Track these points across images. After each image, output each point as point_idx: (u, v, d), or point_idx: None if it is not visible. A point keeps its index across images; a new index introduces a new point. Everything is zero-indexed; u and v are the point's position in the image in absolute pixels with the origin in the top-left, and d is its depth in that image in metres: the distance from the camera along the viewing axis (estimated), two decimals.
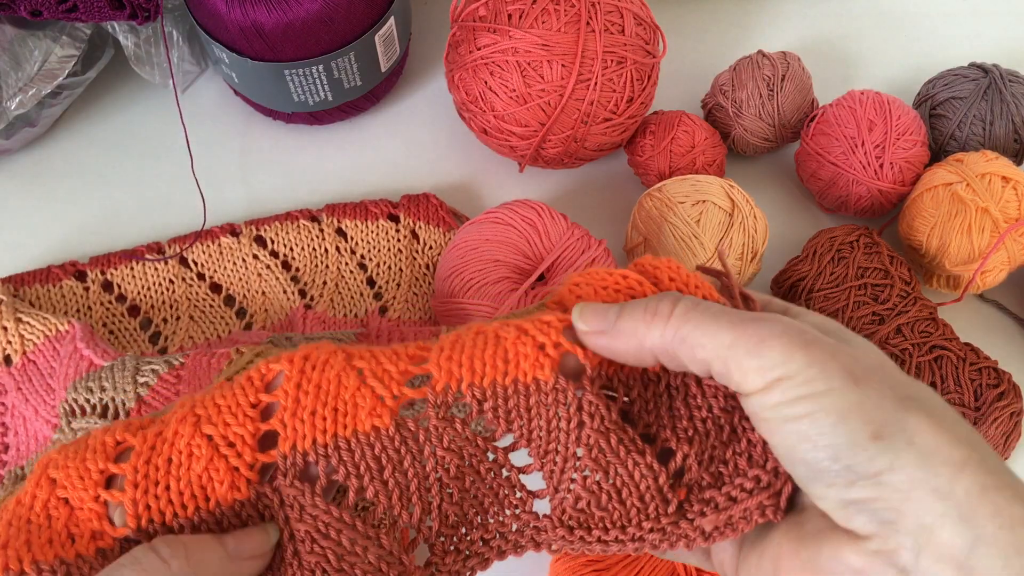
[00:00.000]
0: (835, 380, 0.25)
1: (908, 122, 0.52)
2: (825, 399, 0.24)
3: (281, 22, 0.49)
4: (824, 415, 0.24)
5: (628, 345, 0.28)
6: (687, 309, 0.27)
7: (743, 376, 0.26)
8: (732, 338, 0.26)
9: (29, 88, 0.54)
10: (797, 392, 0.25)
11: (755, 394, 0.26)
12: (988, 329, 0.54)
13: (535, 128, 0.51)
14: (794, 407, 0.25)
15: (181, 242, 0.54)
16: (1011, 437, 0.46)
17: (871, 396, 0.25)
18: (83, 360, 0.46)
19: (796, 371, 0.25)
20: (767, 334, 0.26)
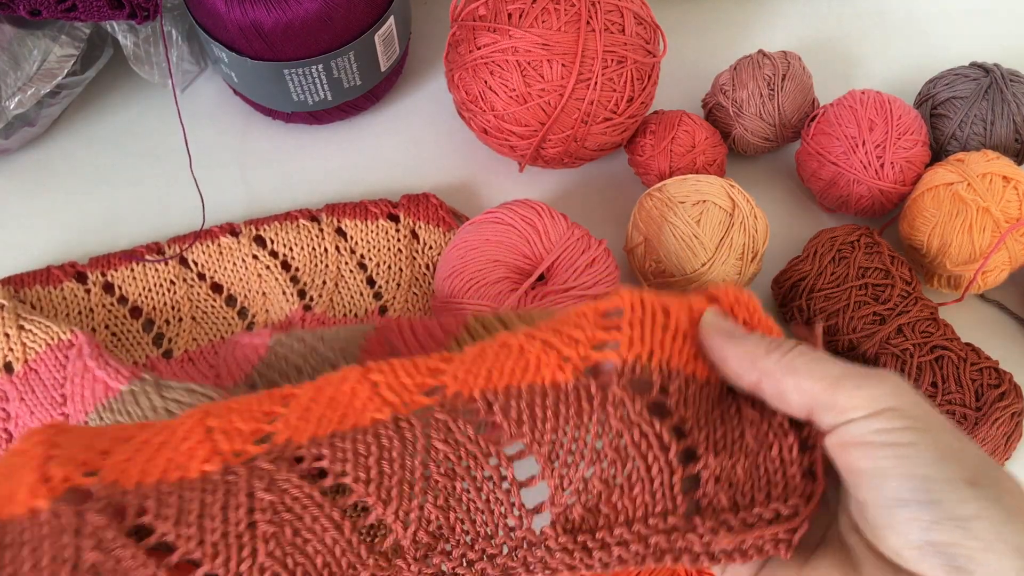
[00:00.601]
0: (941, 425, 0.26)
1: (909, 122, 0.52)
2: (930, 435, 0.25)
3: (281, 22, 0.49)
4: (927, 449, 0.25)
5: (741, 357, 0.29)
6: (804, 349, 0.29)
7: (850, 402, 0.27)
8: (842, 372, 0.27)
9: (28, 88, 0.54)
10: (904, 422, 0.26)
11: (861, 420, 0.26)
12: (989, 329, 0.53)
13: (535, 128, 0.50)
14: (899, 434, 0.26)
15: (180, 242, 0.54)
16: (1012, 437, 0.46)
17: (971, 448, 0.26)
18: (97, 382, 0.45)
19: (905, 405, 0.26)
20: (874, 373, 0.27)
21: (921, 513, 0.25)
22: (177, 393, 0.44)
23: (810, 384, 0.27)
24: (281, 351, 0.47)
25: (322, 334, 0.46)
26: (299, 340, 0.46)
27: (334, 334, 0.46)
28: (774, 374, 0.28)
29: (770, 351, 0.29)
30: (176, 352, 0.52)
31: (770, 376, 0.28)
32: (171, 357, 0.52)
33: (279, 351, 0.47)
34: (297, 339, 0.46)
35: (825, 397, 0.27)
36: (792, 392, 0.28)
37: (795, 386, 0.28)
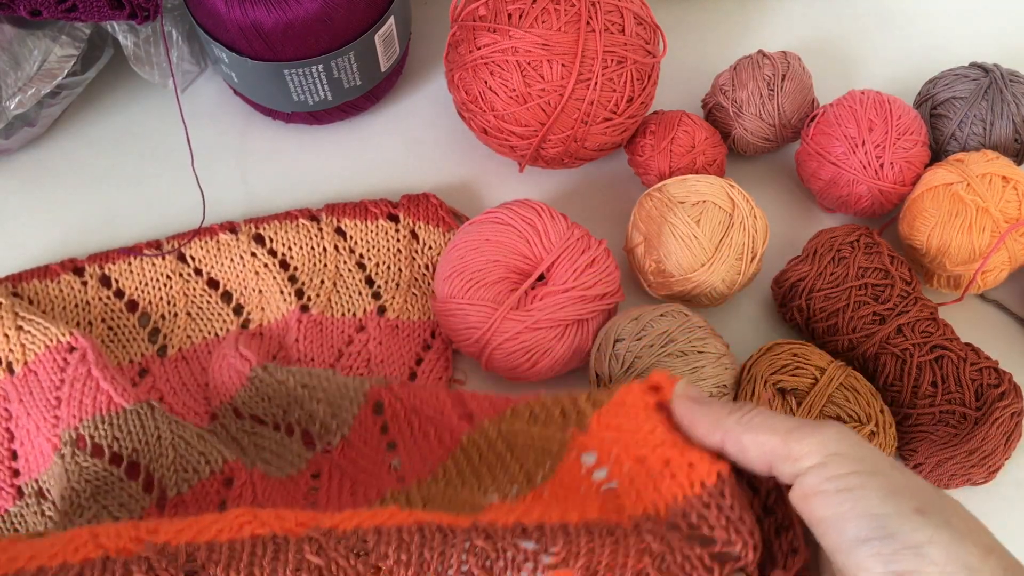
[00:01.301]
0: (883, 464, 0.29)
1: (908, 122, 0.52)
2: (876, 477, 0.28)
3: (281, 22, 0.49)
4: (875, 489, 0.28)
5: (707, 420, 0.32)
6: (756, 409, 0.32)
7: (802, 450, 0.29)
8: (794, 424, 0.30)
9: (28, 88, 0.54)
10: (852, 467, 0.28)
11: (812, 469, 0.29)
12: (989, 329, 0.53)
13: (535, 128, 0.51)
14: (849, 479, 0.28)
15: (180, 239, 0.54)
16: (1012, 437, 0.46)
17: (914, 481, 0.29)
18: (101, 393, 0.46)
19: (850, 449, 0.29)
20: (822, 424, 0.30)
21: (880, 547, 0.27)
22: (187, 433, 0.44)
23: (765, 438, 0.30)
24: (262, 388, 0.47)
25: (307, 381, 0.46)
26: (279, 382, 0.46)
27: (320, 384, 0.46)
28: (734, 432, 0.31)
29: (731, 413, 0.32)
30: (171, 350, 0.52)
31: (730, 434, 0.31)
32: (165, 355, 0.52)
33: (260, 386, 0.47)
34: (278, 380, 0.47)
35: (780, 449, 0.30)
36: (751, 448, 0.31)
37: (753, 441, 0.31)
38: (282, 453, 0.46)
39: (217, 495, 0.43)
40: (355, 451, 0.45)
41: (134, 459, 0.43)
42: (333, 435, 0.45)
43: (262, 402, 0.47)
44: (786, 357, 0.47)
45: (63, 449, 0.44)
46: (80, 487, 0.43)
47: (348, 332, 0.52)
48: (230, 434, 0.47)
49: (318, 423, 0.46)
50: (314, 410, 0.46)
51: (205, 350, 0.52)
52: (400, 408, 0.44)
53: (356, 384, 0.46)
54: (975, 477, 0.47)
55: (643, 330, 0.46)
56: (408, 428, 0.44)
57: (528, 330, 0.47)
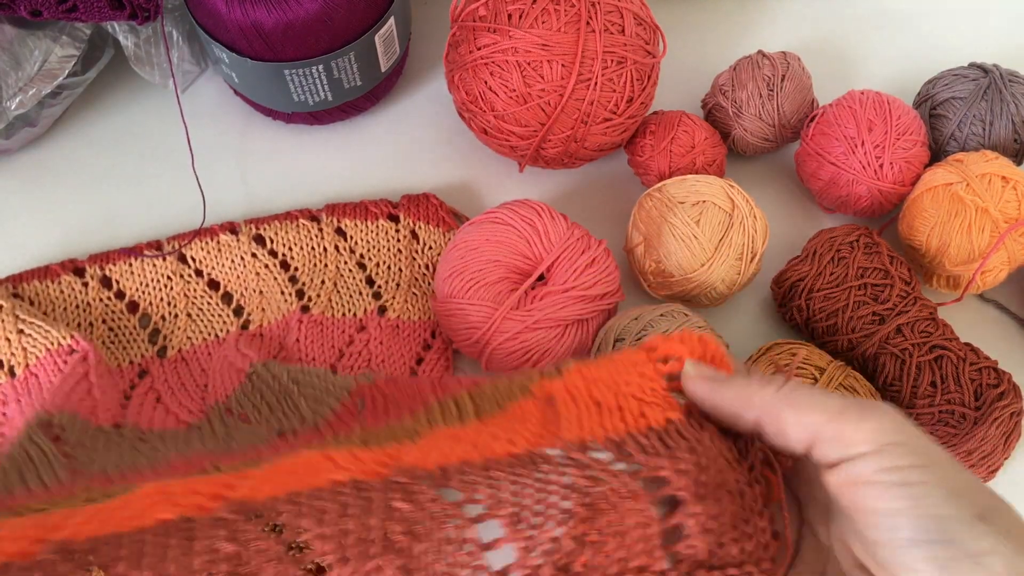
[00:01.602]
0: (945, 460, 0.26)
1: (908, 122, 0.52)
2: (939, 471, 0.26)
3: (281, 22, 0.49)
4: (938, 486, 0.26)
5: (733, 398, 0.29)
6: (796, 383, 0.29)
7: (855, 435, 0.26)
8: (842, 405, 0.27)
9: (29, 88, 0.54)
10: (911, 459, 0.26)
11: (866, 456, 0.26)
12: (988, 329, 0.54)
13: (535, 128, 0.51)
14: (907, 473, 0.26)
15: (180, 239, 0.54)
16: (1011, 437, 0.46)
17: (974, 481, 0.26)
18: (90, 398, 0.46)
19: (909, 440, 0.26)
20: (877, 406, 0.27)
21: (937, 552, 0.25)
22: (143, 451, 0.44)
23: (812, 417, 0.27)
24: (258, 383, 0.47)
25: (297, 377, 0.46)
26: (274, 378, 0.46)
27: (309, 381, 0.46)
28: (772, 409, 0.28)
29: (764, 387, 0.29)
30: (170, 351, 0.52)
31: (769, 411, 0.28)
32: (165, 356, 0.52)
33: (255, 381, 0.47)
34: (272, 376, 0.46)
35: (829, 430, 0.27)
36: (793, 426, 0.28)
37: (795, 420, 0.28)
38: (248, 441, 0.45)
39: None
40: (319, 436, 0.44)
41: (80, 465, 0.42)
42: (306, 424, 0.44)
43: (256, 398, 0.47)
44: (786, 357, 0.47)
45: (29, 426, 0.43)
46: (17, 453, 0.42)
47: (349, 332, 0.52)
48: (212, 428, 0.47)
49: (298, 418, 0.45)
50: (299, 404, 0.45)
51: (205, 351, 0.52)
52: (380, 399, 0.43)
53: (343, 382, 0.45)
54: None
55: (643, 330, 0.46)
56: (384, 415, 0.42)
57: (528, 330, 0.47)
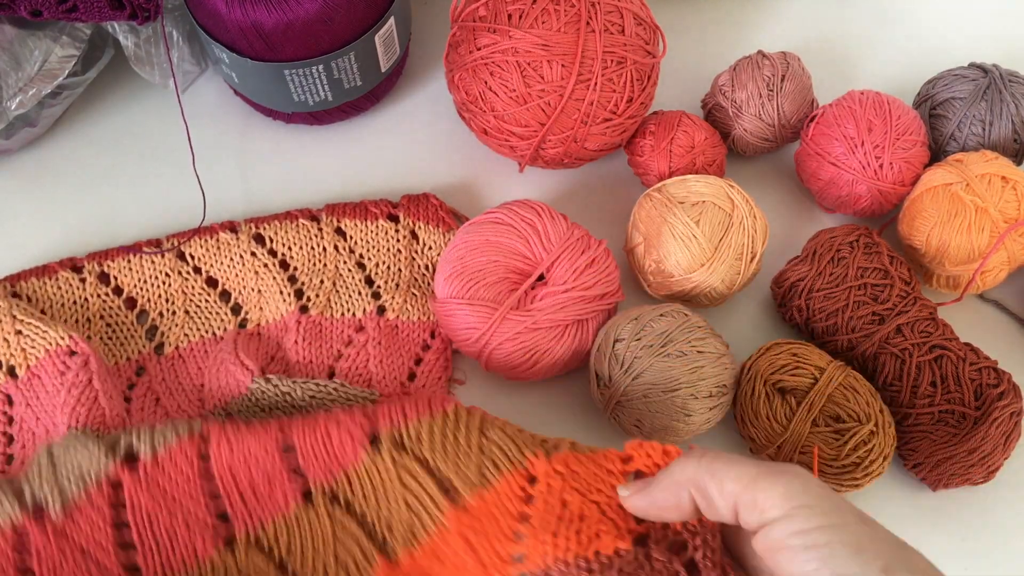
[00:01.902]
0: (848, 515, 0.28)
1: (908, 122, 0.52)
2: (843, 531, 0.28)
3: (281, 22, 0.49)
4: (842, 546, 0.28)
5: (665, 491, 0.32)
6: (715, 453, 0.32)
7: (768, 501, 0.29)
8: (757, 471, 0.30)
9: (29, 88, 0.54)
10: (818, 521, 0.28)
11: (779, 521, 0.29)
12: (988, 329, 0.54)
13: (535, 128, 0.51)
14: (815, 536, 0.28)
15: (179, 237, 0.54)
16: (1011, 437, 0.46)
17: (879, 533, 0.28)
18: (97, 407, 0.46)
19: (815, 501, 0.28)
20: (786, 469, 0.30)
21: None
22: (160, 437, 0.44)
23: (730, 486, 0.30)
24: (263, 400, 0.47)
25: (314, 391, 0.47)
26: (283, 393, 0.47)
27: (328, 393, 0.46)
28: (697, 482, 0.31)
29: (685, 464, 0.32)
30: (167, 348, 0.52)
31: (695, 485, 0.31)
32: (162, 353, 0.52)
33: (259, 398, 0.47)
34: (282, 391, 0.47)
35: (745, 496, 0.30)
36: (716, 496, 0.31)
37: (718, 489, 0.30)
38: None
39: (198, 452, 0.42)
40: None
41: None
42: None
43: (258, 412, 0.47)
44: (786, 357, 0.47)
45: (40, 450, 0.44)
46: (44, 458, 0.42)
47: (348, 332, 0.52)
48: None
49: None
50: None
51: (202, 349, 0.52)
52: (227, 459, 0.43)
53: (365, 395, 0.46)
54: (974, 477, 0.47)
55: (643, 330, 0.46)
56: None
57: (528, 330, 0.47)
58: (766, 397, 0.46)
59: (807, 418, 0.45)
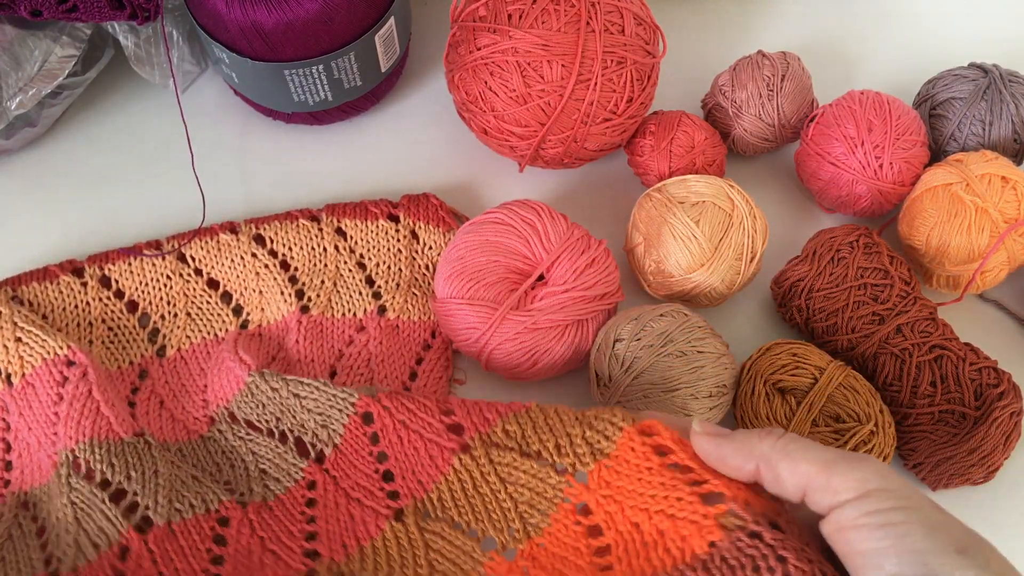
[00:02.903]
0: (924, 502, 0.29)
1: (908, 122, 0.52)
2: (918, 513, 0.28)
3: (281, 22, 0.49)
4: (917, 525, 0.28)
5: (735, 451, 0.32)
6: (795, 436, 0.32)
7: (843, 484, 0.29)
8: (833, 456, 0.30)
9: (29, 88, 0.54)
10: (893, 502, 0.28)
11: (852, 502, 0.29)
12: (988, 329, 0.54)
13: (535, 128, 0.51)
14: (890, 515, 0.28)
15: (180, 239, 0.54)
16: (1011, 437, 0.46)
17: (954, 520, 0.29)
18: (101, 418, 0.46)
19: (892, 486, 0.29)
20: (863, 457, 0.30)
21: None
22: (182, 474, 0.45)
23: (805, 467, 0.30)
24: (258, 394, 0.47)
25: (298, 391, 0.46)
26: (274, 390, 0.47)
27: (311, 394, 0.46)
28: (770, 459, 0.31)
29: (763, 438, 0.32)
30: (170, 350, 0.52)
31: (766, 461, 0.31)
32: (164, 355, 0.52)
33: (256, 392, 0.47)
34: (272, 388, 0.47)
35: (819, 480, 0.30)
36: (787, 476, 0.31)
37: (790, 469, 0.31)
38: (278, 461, 0.46)
39: (211, 531, 0.43)
40: (347, 460, 0.45)
41: (122, 486, 0.43)
42: (325, 444, 0.46)
43: (256, 408, 0.47)
44: (786, 357, 0.47)
45: (60, 469, 0.44)
46: (66, 511, 0.43)
47: (348, 332, 0.52)
48: (228, 441, 0.47)
49: (309, 432, 0.46)
50: (304, 419, 0.46)
51: (204, 350, 0.52)
52: (389, 421, 0.44)
53: (344, 395, 0.46)
54: (974, 477, 0.47)
55: (643, 330, 0.46)
56: (398, 440, 0.44)
57: (528, 330, 0.47)
58: (766, 397, 0.46)
59: (807, 418, 0.45)
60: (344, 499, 0.44)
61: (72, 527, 0.43)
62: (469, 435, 0.42)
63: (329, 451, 0.46)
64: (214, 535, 0.43)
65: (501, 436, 0.42)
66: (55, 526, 0.43)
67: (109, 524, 0.42)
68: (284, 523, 0.44)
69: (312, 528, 0.44)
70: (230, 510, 0.44)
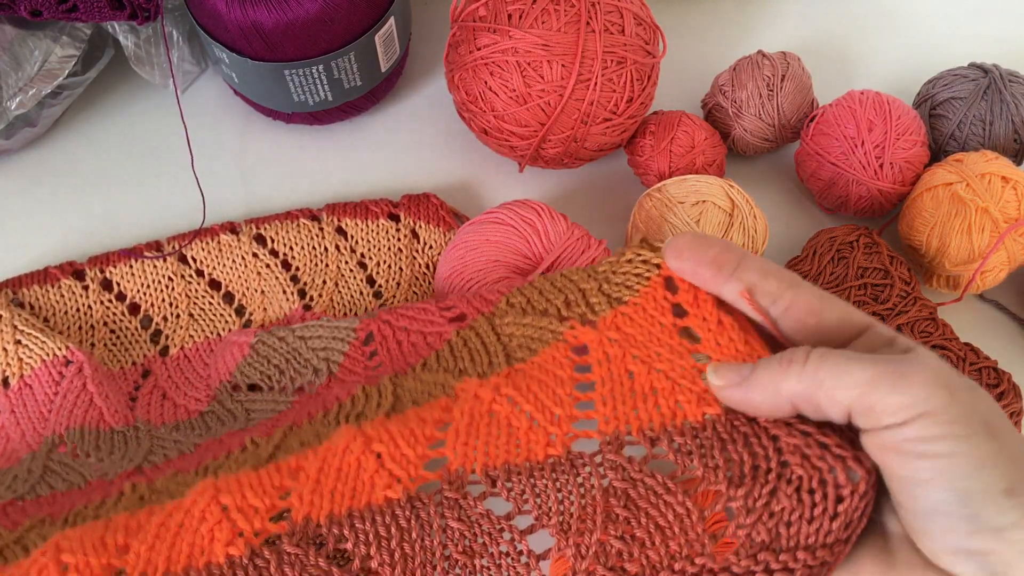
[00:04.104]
0: (976, 426, 0.25)
1: (908, 122, 0.52)
2: (966, 443, 0.25)
3: (281, 22, 0.49)
4: (964, 459, 0.25)
5: (764, 394, 0.29)
6: (822, 355, 0.28)
7: (885, 408, 0.26)
8: (872, 374, 0.26)
9: (29, 88, 0.54)
10: (940, 430, 0.25)
11: (895, 427, 0.26)
12: (988, 329, 0.54)
13: (535, 128, 0.51)
14: (935, 444, 0.25)
15: (180, 240, 0.54)
16: None
17: (1007, 450, 0.25)
18: (93, 408, 0.46)
19: (940, 409, 0.25)
20: (908, 370, 0.26)
21: (959, 524, 0.25)
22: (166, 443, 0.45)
23: (842, 394, 0.27)
24: (263, 350, 0.47)
25: (304, 333, 0.46)
26: (280, 339, 0.46)
27: (316, 333, 0.46)
28: (803, 395, 0.28)
29: (788, 372, 0.28)
30: (172, 350, 0.52)
31: (802, 398, 0.28)
32: (167, 355, 0.52)
33: (261, 349, 0.47)
34: (279, 338, 0.46)
35: (860, 404, 0.27)
36: (830, 407, 0.28)
37: (830, 399, 0.27)
38: (272, 407, 0.46)
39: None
40: (338, 382, 0.44)
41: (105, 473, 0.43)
42: (322, 375, 0.45)
43: (261, 366, 0.47)
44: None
45: (41, 448, 0.44)
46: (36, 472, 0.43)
47: None
48: (225, 408, 0.47)
49: (311, 370, 0.46)
50: (309, 358, 0.46)
51: (207, 348, 0.52)
52: (389, 330, 0.43)
53: (347, 323, 0.45)
54: None
55: None
56: (396, 346, 0.42)
57: None
58: None
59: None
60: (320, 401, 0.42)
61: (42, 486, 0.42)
62: (472, 319, 0.40)
63: (323, 379, 0.44)
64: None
65: (504, 307, 0.39)
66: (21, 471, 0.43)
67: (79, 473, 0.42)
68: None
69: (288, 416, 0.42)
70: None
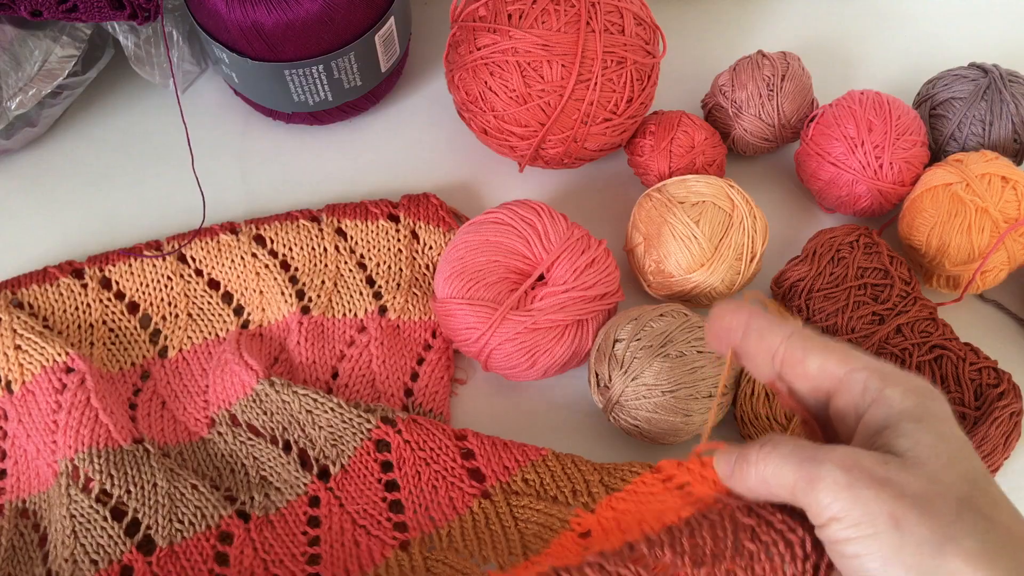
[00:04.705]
0: (880, 523, 0.27)
1: (908, 122, 0.52)
2: (870, 543, 0.27)
3: (281, 22, 0.49)
4: (870, 559, 0.27)
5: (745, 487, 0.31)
6: (764, 455, 0.30)
7: (808, 511, 0.29)
8: (794, 479, 0.29)
9: (29, 88, 0.54)
10: (846, 533, 0.28)
11: (819, 528, 0.29)
12: (988, 329, 0.54)
13: (535, 128, 0.51)
14: (845, 547, 0.28)
15: (180, 239, 0.54)
16: (1011, 437, 0.46)
17: (911, 541, 0.27)
18: (99, 426, 0.46)
19: (843, 512, 0.28)
20: (816, 475, 0.28)
21: None
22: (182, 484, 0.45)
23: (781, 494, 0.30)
24: (267, 402, 0.47)
25: (311, 407, 0.47)
26: (284, 401, 0.47)
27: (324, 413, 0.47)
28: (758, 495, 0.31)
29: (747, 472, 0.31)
30: (171, 352, 0.52)
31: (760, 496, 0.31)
32: (166, 356, 0.52)
33: (264, 400, 0.47)
34: (282, 399, 0.47)
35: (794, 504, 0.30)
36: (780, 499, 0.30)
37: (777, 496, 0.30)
38: (280, 470, 0.46)
39: (212, 549, 0.43)
40: (354, 484, 0.46)
41: (123, 500, 0.44)
42: (332, 463, 0.46)
43: (262, 415, 0.47)
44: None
45: (60, 479, 0.44)
46: (65, 524, 0.43)
47: (349, 333, 0.52)
48: (228, 444, 0.47)
49: (316, 447, 0.46)
50: (314, 435, 0.46)
51: (206, 351, 0.52)
52: (409, 454, 0.46)
53: (361, 419, 0.46)
54: None
55: (642, 330, 0.46)
56: (415, 475, 0.45)
57: (528, 330, 0.47)
58: (766, 397, 0.46)
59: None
60: (350, 524, 0.45)
61: (69, 541, 0.43)
62: (491, 483, 0.44)
63: (336, 470, 0.46)
64: (216, 554, 0.43)
65: (521, 485, 0.44)
66: (54, 536, 0.44)
67: (110, 541, 0.43)
68: (286, 543, 0.44)
69: (315, 551, 0.44)
70: (232, 526, 0.44)
